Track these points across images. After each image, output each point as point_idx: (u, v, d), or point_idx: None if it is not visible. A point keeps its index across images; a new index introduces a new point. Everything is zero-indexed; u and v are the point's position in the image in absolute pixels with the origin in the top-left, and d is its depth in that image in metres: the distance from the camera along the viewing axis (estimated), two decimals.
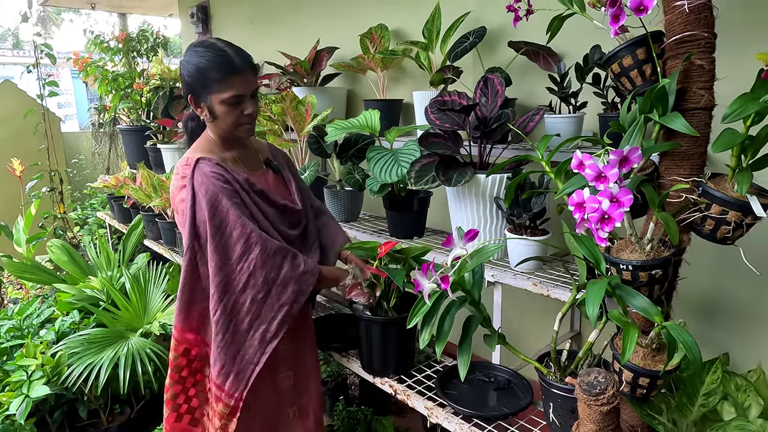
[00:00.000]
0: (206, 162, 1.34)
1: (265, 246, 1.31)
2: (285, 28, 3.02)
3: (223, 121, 1.33)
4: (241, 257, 1.30)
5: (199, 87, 1.30)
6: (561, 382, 1.21)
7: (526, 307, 2.02)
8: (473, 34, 1.77)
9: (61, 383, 2.04)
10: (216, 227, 1.29)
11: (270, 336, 1.33)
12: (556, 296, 1.33)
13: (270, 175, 1.51)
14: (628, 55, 1.15)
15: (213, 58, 1.27)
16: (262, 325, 1.33)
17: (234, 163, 1.41)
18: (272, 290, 1.32)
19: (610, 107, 1.49)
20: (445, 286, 1.02)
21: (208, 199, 1.29)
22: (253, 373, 1.34)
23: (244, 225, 1.29)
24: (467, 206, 1.51)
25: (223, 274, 1.30)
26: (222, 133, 1.38)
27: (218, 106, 1.30)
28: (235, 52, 1.30)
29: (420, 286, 1.09)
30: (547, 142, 1.26)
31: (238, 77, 1.28)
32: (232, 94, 1.28)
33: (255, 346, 1.33)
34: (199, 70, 1.28)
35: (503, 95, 1.46)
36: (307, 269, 1.36)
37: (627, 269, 1.07)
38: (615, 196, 0.88)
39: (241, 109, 1.32)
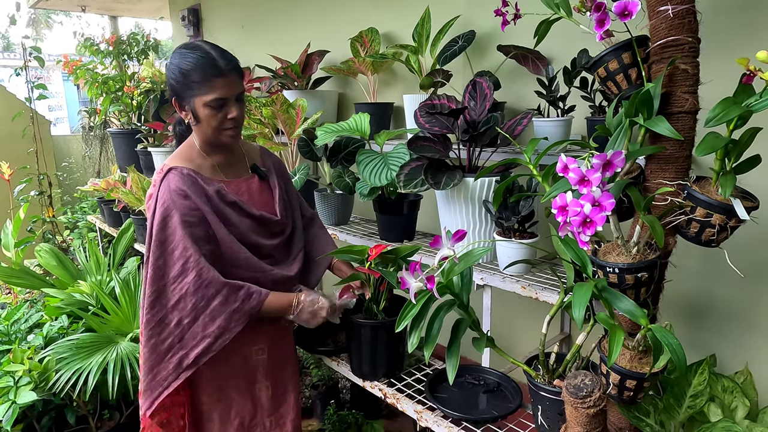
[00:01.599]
0: (176, 173, 1.32)
1: (200, 274, 1.28)
2: (276, 32, 3.02)
3: (206, 124, 1.30)
4: (176, 277, 1.28)
5: (182, 89, 1.28)
6: (549, 385, 1.22)
7: (515, 309, 2.03)
8: (462, 37, 1.78)
9: (48, 389, 2.02)
10: (160, 241, 1.28)
11: (187, 364, 1.30)
12: (545, 299, 1.33)
13: (254, 182, 1.47)
14: (614, 60, 1.16)
15: (196, 60, 1.25)
16: (182, 351, 1.30)
17: (212, 171, 1.39)
18: (199, 319, 1.29)
19: (597, 111, 1.50)
20: (431, 286, 1.02)
21: (161, 212, 1.28)
22: (160, 396, 1.31)
23: (185, 248, 1.27)
24: (456, 209, 1.51)
25: (156, 287, 1.29)
26: (205, 138, 1.36)
27: (201, 109, 1.28)
28: (219, 54, 1.27)
29: (407, 284, 1.09)
30: (535, 146, 1.27)
31: (221, 79, 1.26)
32: (215, 97, 1.26)
33: (169, 370, 1.31)
34: (182, 72, 1.26)
35: (492, 99, 1.47)
36: (239, 308, 1.31)
37: (613, 272, 1.08)
38: (597, 200, 0.89)
39: (224, 113, 1.29)
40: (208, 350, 1.30)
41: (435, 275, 1.04)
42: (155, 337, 1.30)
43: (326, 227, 2.04)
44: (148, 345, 1.31)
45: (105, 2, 4.45)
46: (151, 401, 1.32)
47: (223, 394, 1.45)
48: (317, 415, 2.30)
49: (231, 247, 1.35)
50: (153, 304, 1.29)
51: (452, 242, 1.06)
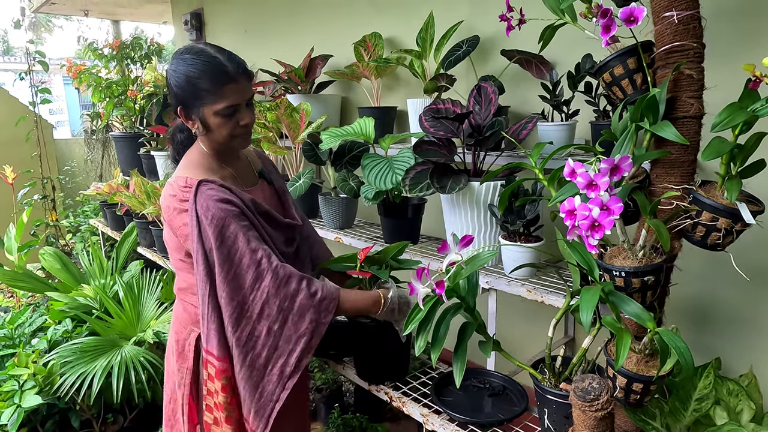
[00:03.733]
0: (209, 185, 1.23)
1: (276, 272, 1.21)
2: (279, 36, 3.04)
3: (217, 133, 1.24)
4: (253, 285, 1.21)
5: (189, 98, 1.20)
6: (555, 388, 1.22)
7: (520, 313, 2.03)
8: (466, 42, 1.79)
9: (53, 393, 2.03)
10: (224, 255, 1.19)
11: (290, 371, 1.24)
12: (551, 302, 1.34)
13: (266, 188, 1.44)
14: (619, 65, 1.17)
15: (203, 66, 1.17)
16: (281, 359, 1.23)
17: (234, 181, 1.32)
18: (288, 320, 1.22)
19: (601, 115, 1.51)
20: (440, 291, 1.03)
21: (215, 225, 1.19)
22: (273, 411, 1.24)
23: (253, 250, 1.20)
24: (461, 213, 1.52)
25: (235, 303, 1.21)
26: (216, 146, 1.30)
27: (212, 118, 1.21)
28: (227, 58, 1.20)
29: (415, 290, 1.10)
30: (540, 150, 1.28)
31: (232, 85, 1.19)
32: (227, 105, 1.19)
33: (274, 382, 1.24)
34: (188, 80, 1.18)
35: (496, 103, 1.47)
36: (325, 295, 1.25)
37: (620, 276, 1.09)
38: (605, 204, 0.90)
39: (236, 120, 1.23)
40: (307, 349, 1.24)
41: (444, 280, 1.04)
42: (250, 353, 1.23)
43: (331, 231, 2.05)
44: (245, 364, 1.23)
45: (107, 6, 4.47)
46: (266, 421, 1.24)
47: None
48: (321, 418, 2.30)
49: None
50: (237, 320, 1.22)
51: (459, 247, 1.07)
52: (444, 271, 1.09)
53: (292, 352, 1.23)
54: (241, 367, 1.24)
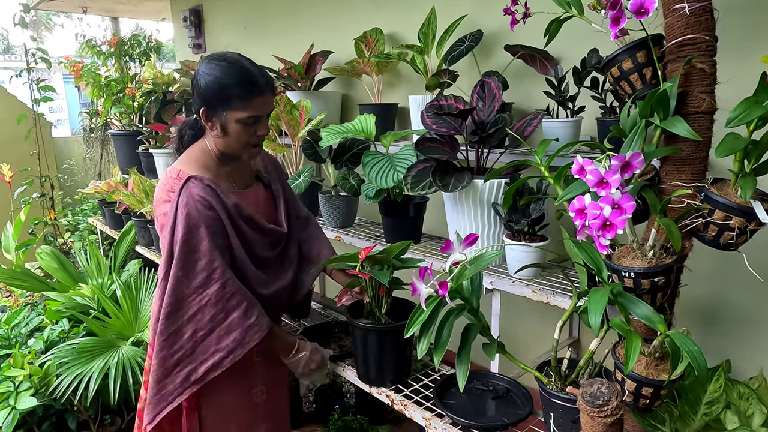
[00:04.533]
0: (197, 182, 1.27)
1: (224, 285, 1.25)
2: (278, 33, 3.00)
3: (234, 139, 1.28)
4: (198, 288, 1.25)
5: (216, 102, 1.24)
6: (562, 392, 1.19)
7: (524, 313, 2.00)
8: (469, 37, 1.75)
9: (49, 394, 1.99)
10: (185, 252, 1.24)
11: (195, 379, 1.27)
12: (556, 303, 1.31)
13: (260, 190, 1.47)
14: (628, 59, 1.13)
15: (237, 75, 1.23)
16: (191, 365, 1.27)
17: (227, 181, 1.36)
18: (214, 332, 1.26)
19: (608, 111, 1.48)
20: (443, 292, 1.00)
21: (187, 223, 1.24)
22: (163, 411, 1.27)
23: (212, 259, 1.24)
24: (465, 212, 1.49)
25: (175, 298, 1.25)
26: (228, 150, 1.32)
27: (233, 124, 1.25)
28: (259, 72, 1.27)
29: (417, 290, 1.06)
30: (546, 147, 1.24)
31: (260, 98, 1.25)
32: (251, 115, 1.25)
33: (176, 384, 1.27)
34: (220, 85, 1.23)
35: (501, 99, 1.44)
36: (256, 323, 1.29)
37: (629, 276, 1.05)
38: (617, 203, 0.86)
39: (254, 129, 1.28)
40: (218, 365, 1.26)
41: (447, 280, 1.01)
42: (166, 350, 1.26)
43: (331, 230, 2.02)
44: (158, 357, 1.27)
45: (106, 3, 4.44)
46: (153, 415, 1.28)
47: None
48: (321, 420, 2.27)
49: (242, 261, 1.33)
50: (169, 315, 1.25)
51: (463, 246, 1.04)
52: (447, 271, 1.05)
53: (204, 362, 1.26)
54: (154, 359, 1.28)
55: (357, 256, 1.47)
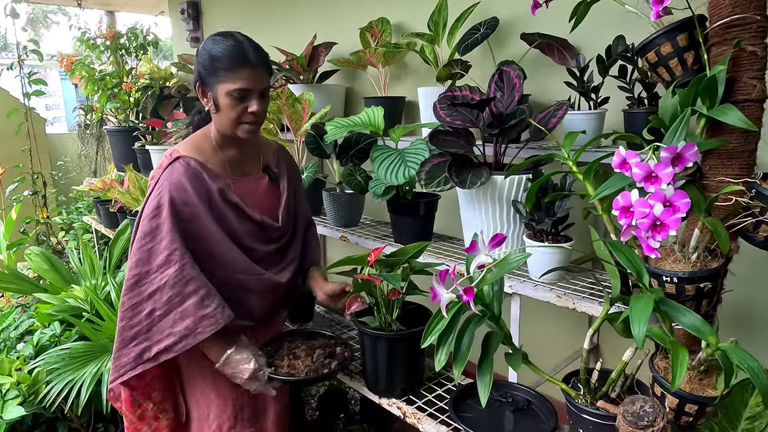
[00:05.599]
0: (182, 163, 1.28)
1: (183, 268, 1.24)
2: (279, 24, 2.89)
3: (225, 115, 1.26)
4: (159, 267, 1.25)
5: (207, 74, 1.25)
6: (592, 407, 1.09)
7: (537, 318, 1.90)
8: (484, 24, 1.65)
9: (38, 402, 1.89)
10: (150, 229, 1.25)
11: (147, 357, 1.26)
12: (584, 310, 1.21)
13: (263, 182, 1.42)
14: (667, 42, 1.03)
15: (227, 47, 1.23)
16: (146, 342, 1.26)
17: (221, 166, 1.34)
18: (170, 314, 1.25)
19: (636, 102, 1.37)
20: (468, 298, 0.90)
21: (157, 201, 1.26)
22: (115, 381, 1.29)
23: (172, 240, 1.24)
24: (482, 210, 1.39)
25: (138, 272, 1.27)
26: (222, 129, 1.31)
27: (223, 97, 1.24)
28: (251, 46, 1.26)
29: (438, 296, 0.96)
30: (573, 140, 1.15)
31: (248, 70, 1.22)
32: (238, 87, 1.22)
33: (130, 357, 1.27)
34: (211, 56, 1.24)
35: (521, 89, 1.34)
36: (211, 314, 1.25)
37: (671, 281, 0.95)
38: (669, 200, 0.76)
39: (245, 106, 1.25)
40: (170, 349, 1.25)
41: (473, 285, 0.91)
42: (125, 321, 1.28)
43: (336, 229, 1.92)
44: (119, 328, 1.29)
45: None
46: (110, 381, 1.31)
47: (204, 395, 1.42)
48: (325, 429, 2.17)
49: (223, 247, 1.30)
50: (131, 288, 1.27)
51: (489, 247, 0.94)
52: (472, 275, 0.95)
53: (158, 343, 1.26)
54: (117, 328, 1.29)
55: (365, 258, 1.37)
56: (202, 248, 1.29)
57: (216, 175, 1.31)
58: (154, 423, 1.44)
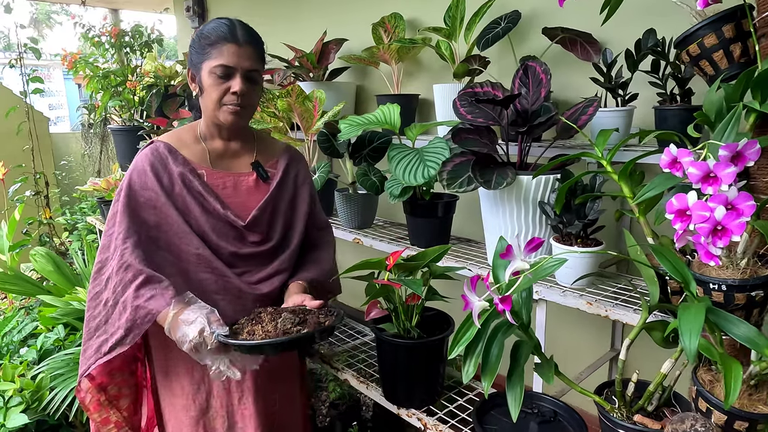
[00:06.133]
0: (151, 148, 1.25)
1: (123, 254, 1.17)
2: (286, 21, 2.83)
3: (207, 96, 1.20)
4: (113, 254, 1.20)
5: (196, 54, 1.21)
6: (628, 421, 1.03)
7: (559, 323, 1.83)
8: (505, 18, 1.59)
9: (42, 409, 1.84)
10: (112, 214, 1.22)
11: (105, 350, 1.18)
12: (617, 318, 1.14)
13: (249, 180, 1.31)
14: (712, 34, 0.97)
15: (217, 25, 1.19)
16: (105, 335, 1.19)
17: (199, 157, 1.27)
18: (118, 304, 1.17)
19: (668, 99, 1.31)
20: (506, 307, 0.83)
21: (120, 186, 1.23)
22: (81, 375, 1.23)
23: (120, 224, 1.19)
24: (505, 212, 1.32)
25: (99, 258, 1.23)
26: (207, 114, 1.25)
27: (207, 77, 1.19)
28: (242, 26, 1.21)
29: (469, 304, 0.90)
30: (607, 139, 1.08)
31: (232, 46, 1.17)
32: (221, 63, 1.16)
33: (93, 350, 1.21)
34: (200, 35, 1.21)
35: (548, 85, 1.27)
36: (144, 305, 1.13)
37: (719, 290, 0.89)
38: (731, 202, 0.70)
39: (228, 85, 1.19)
40: (121, 342, 1.16)
41: (510, 293, 0.84)
42: (89, 311, 1.23)
43: (348, 231, 1.86)
44: (86, 317, 1.24)
45: None
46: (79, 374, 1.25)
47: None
48: None
49: (183, 238, 1.23)
50: (95, 276, 1.23)
51: (526, 252, 0.87)
52: (507, 282, 0.89)
53: (113, 336, 1.18)
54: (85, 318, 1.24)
55: (383, 262, 1.31)
56: (162, 237, 1.22)
57: (185, 161, 1.25)
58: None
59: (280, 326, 1.10)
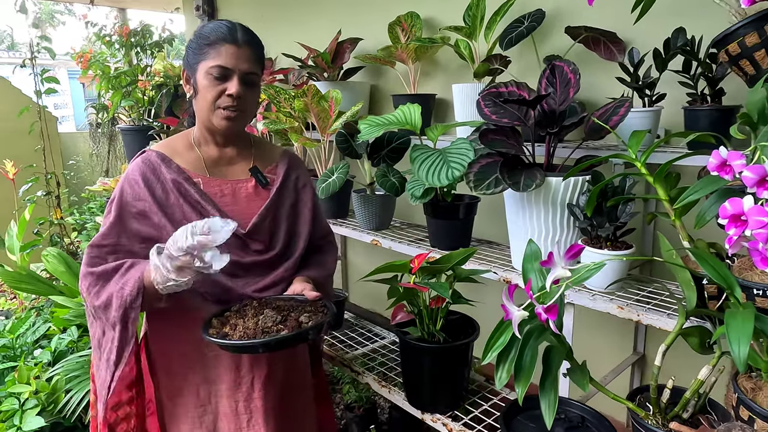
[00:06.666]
0: (143, 157, 1.21)
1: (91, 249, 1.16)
2: (297, 20, 2.81)
3: (202, 98, 1.17)
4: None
5: (191, 54, 1.18)
6: (664, 428, 1.01)
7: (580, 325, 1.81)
8: (529, 17, 1.56)
9: (58, 411, 1.82)
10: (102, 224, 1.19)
11: (114, 359, 1.15)
12: (650, 323, 1.12)
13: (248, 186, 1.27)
14: (753, 33, 0.94)
15: (216, 25, 1.17)
16: (107, 345, 1.17)
17: (193, 164, 1.23)
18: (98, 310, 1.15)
19: (700, 99, 1.28)
20: (551, 317, 0.81)
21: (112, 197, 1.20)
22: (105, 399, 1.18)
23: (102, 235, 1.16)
24: (532, 214, 1.30)
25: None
26: (201, 118, 1.21)
27: (202, 78, 1.15)
28: (242, 28, 1.18)
29: (510, 314, 0.88)
30: (641, 140, 1.06)
31: (230, 47, 1.14)
32: (218, 64, 1.13)
33: (104, 368, 1.18)
34: (197, 37, 1.18)
35: (577, 85, 1.25)
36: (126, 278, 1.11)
37: (763, 295, 0.87)
38: None
39: (224, 87, 1.15)
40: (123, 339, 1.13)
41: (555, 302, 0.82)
42: (90, 330, 1.21)
43: (366, 232, 1.84)
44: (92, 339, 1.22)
45: None
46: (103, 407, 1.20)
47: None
48: None
49: None
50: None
51: (566, 260, 0.85)
52: (548, 290, 0.87)
53: (114, 340, 1.15)
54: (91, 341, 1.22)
55: (407, 265, 1.29)
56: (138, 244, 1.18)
57: (179, 169, 1.20)
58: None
59: (261, 324, 1.07)
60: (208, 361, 1.22)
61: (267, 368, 1.24)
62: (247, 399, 1.22)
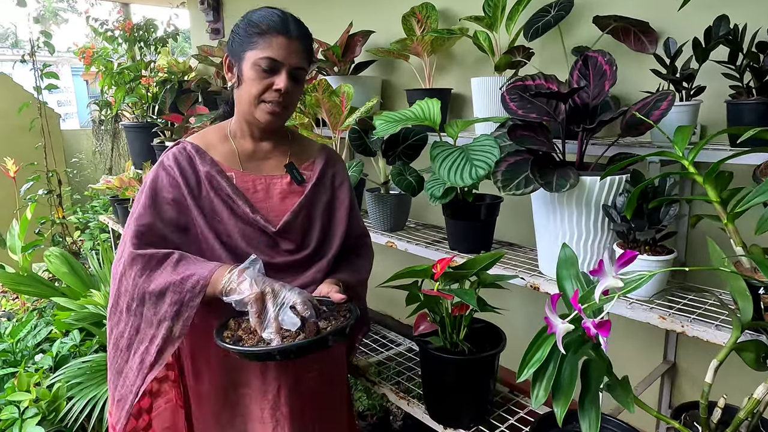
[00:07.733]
0: (178, 148, 1.17)
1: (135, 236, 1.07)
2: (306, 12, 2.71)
3: (245, 90, 1.11)
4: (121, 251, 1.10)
5: (238, 41, 1.11)
6: None
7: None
8: (556, 6, 1.47)
9: (59, 420, 1.75)
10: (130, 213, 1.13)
11: (150, 361, 1.06)
12: (696, 334, 1.03)
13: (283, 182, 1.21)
14: None
15: (269, 13, 1.11)
16: (143, 344, 1.08)
17: (228, 158, 1.18)
18: (145, 298, 1.06)
19: (745, 92, 1.19)
20: (604, 334, 0.73)
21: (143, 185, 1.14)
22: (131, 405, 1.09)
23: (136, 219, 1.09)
24: (563, 216, 1.21)
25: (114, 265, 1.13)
26: (241, 110, 1.16)
27: (248, 69, 1.09)
28: (294, 20, 1.13)
29: (553, 327, 0.80)
30: (688, 136, 0.97)
31: (283, 39, 1.08)
32: (268, 55, 1.07)
33: (134, 370, 1.08)
34: (247, 22, 1.11)
35: (612, 78, 1.16)
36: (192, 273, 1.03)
37: None
38: None
39: (271, 81, 1.09)
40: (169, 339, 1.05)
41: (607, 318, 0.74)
42: (115, 329, 1.12)
43: (380, 233, 1.75)
44: (111, 341, 1.13)
45: None
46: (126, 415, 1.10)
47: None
48: None
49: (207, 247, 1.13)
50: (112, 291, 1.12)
51: (617, 268, 0.77)
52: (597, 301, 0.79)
53: (154, 339, 1.06)
54: (107, 343, 1.14)
55: (429, 270, 1.20)
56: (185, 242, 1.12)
57: (213, 162, 1.16)
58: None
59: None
60: (235, 364, 1.18)
61: (294, 376, 1.18)
62: (273, 407, 1.17)
